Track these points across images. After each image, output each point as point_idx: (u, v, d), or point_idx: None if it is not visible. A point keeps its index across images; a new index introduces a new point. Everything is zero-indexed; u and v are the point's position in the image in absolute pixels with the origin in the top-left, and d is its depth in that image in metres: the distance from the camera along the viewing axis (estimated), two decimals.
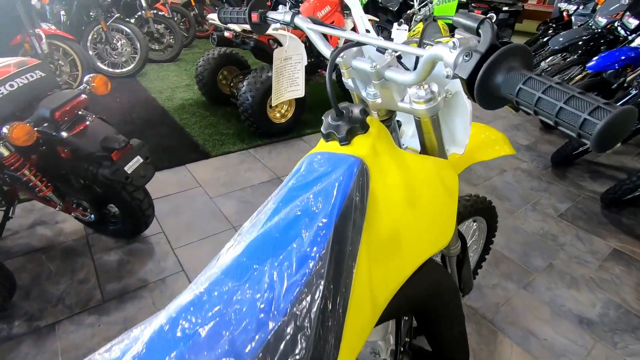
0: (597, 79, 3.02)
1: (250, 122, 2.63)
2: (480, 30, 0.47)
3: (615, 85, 2.95)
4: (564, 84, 0.40)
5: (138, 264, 1.60)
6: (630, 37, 3.34)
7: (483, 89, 0.44)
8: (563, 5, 5.40)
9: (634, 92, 2.49)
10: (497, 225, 1.36)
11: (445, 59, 0.48)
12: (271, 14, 0.78)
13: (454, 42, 0.47)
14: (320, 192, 0.51)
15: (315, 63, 3.36)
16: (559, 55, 4.32)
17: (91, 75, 1.33)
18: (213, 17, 2.74)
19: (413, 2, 5.86)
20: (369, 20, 3.45)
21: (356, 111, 0.58)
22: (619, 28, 3.42)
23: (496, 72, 0.43)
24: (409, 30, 2.97)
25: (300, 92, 0.87)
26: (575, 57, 3.78)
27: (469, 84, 0.45)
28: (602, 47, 3.73)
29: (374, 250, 0.52)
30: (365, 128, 0.58)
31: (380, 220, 0.54)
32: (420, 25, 2.82)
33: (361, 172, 0.53)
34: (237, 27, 2.62)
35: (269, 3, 7.27)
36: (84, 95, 1.29)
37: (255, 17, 0.78)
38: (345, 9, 3.29)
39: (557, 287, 1.65)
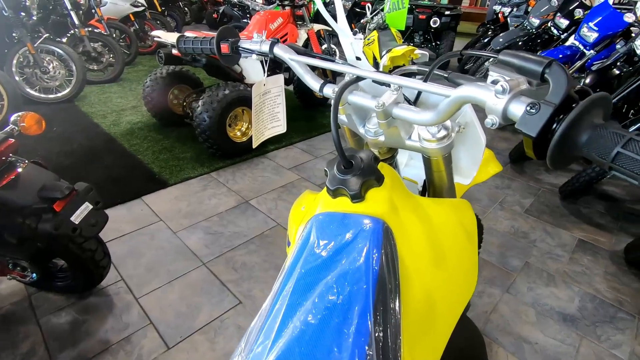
0: None
1: (210, 143, 2.46)
2: (547, 76, 0.38)
3: None
4: None
5: (96, 323, 1.39)
6: (562, 36, 3.62)
7: (560, 150, 0.36)
8: (498, 8, 5.77)
9: None
10: (483, 237, 1.34)
11: (488, 104, 0.40)
12: (244, 44, 0.68)
13: (502, 87, 0.39)
14: (346, 275, 0.41)
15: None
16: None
17: (20, 114, 1.12)
18: (158, 35, 2.55)
19: (360, 9, 5.97)
20: (321, 30, 3.41)
21: (367, 159, 0.49)
22: (552, 28, 3.68)
23: (579, 129, 0.36)
24: (364, 38, 2.97)
25: (282, 127, 0.77)
26: None
27: (536, 142, 0.38)
28: (538, 47, 4.01)
29: (413, 329, 0.43)
30: (380, 180, 0.49)
31: (412, 291, 0.46)
32: (375, 34, 2.83)
33: (387, 237, 0.45)
34: None
35: (215, 15, 7.06)
36: (11, 139, 1.09)
37: (225, 48, 0.67)
38: (297, 20, 3.23)
39: (537, 286, 1.68)
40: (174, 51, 2.53)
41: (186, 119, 2.89)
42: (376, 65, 2.89)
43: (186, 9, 7.92)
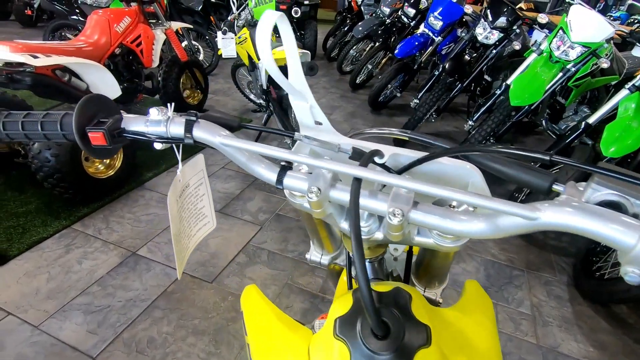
0: (402, 63, 3.49)
1: (62, 188, 1.88)
2: None
3: (415, 66, 3.49)
4: None
5: None
6: (412, 24, 4.01)
7: None
8: None
9: (436, 72, 2.99)
10: None
11: (624, 244, 0.24)
12: (134, 125, 0.41)
13: None
14: None
15: (132, 88, 2.71)
16: (362, 42, 4.89)
17: None
18: None
19: (217, 0, 5.52)
20: (179, 28, 2.98)
21: (404, 309, 0.34)
22: (403, 17, 4.05)
23: None
24: (235, 37, 2.69)
25: (211, 223, 0.53)
26: (377, 44, 4.33)
27: None
28: (394, 35, 4.38)
29: None
30: (429, 339, 0.34)
31: None
32: (245, 31, 2.59)
33: None
34: None
35: (29, 12, 5.55)
36: None
37: (99, 138, 0.38)
38: (150, 18, 2.73)
39: (451, 266, 1.82)
40: None
41: (16, 159, 2.16)
42: (252, 65, 2.68)
43: None
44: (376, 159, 0.40)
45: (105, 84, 2.23)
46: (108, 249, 1.76)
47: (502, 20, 2.58)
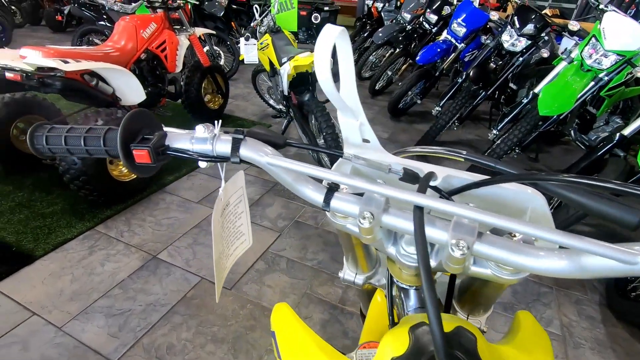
0: (423, 69, 3.44)
1: (87, 190, 1.92)
2: None
3: (436, 73, 3.44)
4: None
5: None
6: (434, 30, 3.96)
7: None
8: (370, 2, 6.10)
9: (460, 79, 2.93)
10: None
11: None
12: (180, 142, 0.40)
13: None
14: None
15: (156, 92, 2.76)
16: (382, 48, 4.86)
17: None
18: None
19: (238, 6, 5.59)
20: (205, 33, 3.02)
21: (474, 356, 0.31)
22: (424, 23, 4.00)
23: None
24: (257, 42, 2.71)
25: (248, 242, 0.51)
26: (398, 50, 4.29)
27: None
28: (413, 41, 4.34)
29: None
30: None
31: None
32: (267, 37, 2.60)
33: None
34: (25, 66, 1.83)
35: (59, 17, 5.77)
36: None
37: (143, 156, 0.37)
38: (175, 24, 2.78)
39: None
40: (9, 74, 1.87)
41: (44, 160, 2.22)
42: (273, 71, 2.69)
43: (13, 7, 6.30)
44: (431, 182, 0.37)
45: (130, 88, 2.27)
46: (129, 252, 1.77)
47: (529, 28, 2.51)
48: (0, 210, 1.97)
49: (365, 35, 5.69)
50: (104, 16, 4.75)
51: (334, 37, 0.33)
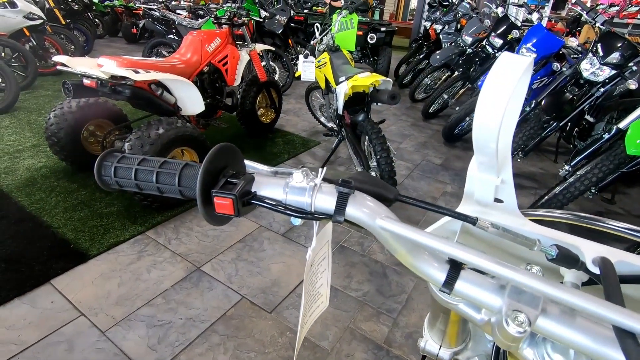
0: None
1: (142, 195, 1.98)
2: None
3: None
4: None
5: None
6: (497, 54, 3.76)
7: None
8: (427, 24, 5.99)
9: (527, 108, 2.72)
10: None
11: None
12: (271, 191, 0.33)
13: None
14: None
15: (214, 104, 2.85)
16: (438, 70, 4.72)
17: None
18: (62, 61, 1.99)
19: (295, 24, 5.75)
20: (264, 49, 3.08)
21: None
22: (488, 47, 3.82)
23: None
24: (315, 60, 2.72)
25: (325, 303, 0.44)
26: (456, 73, 4.13)
27: None
28: (474, 65, 4.15)
29: None
30: None
31: None
32: (325, 55, 2.59)
33: None
34: (101, 74, 1.95)
35: (134, 30, 6.29)
36: None
37: (226, 206, 0.31)
38: (237, 40, 2.87)
39: None
40: (86, 81, 2.01)
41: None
42: (328, 89, 2.66)
43: (97, 20, 6.98)
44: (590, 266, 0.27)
45: (191, 99, 2.35)
46: (175, 261, 1.78)
47: (615, 56, 2.27)
48: (65, 206, 2.09)
49: (421, 56, 5.57)
50: (173, 30, 5.09)
51: (521, 70, 0.25)
